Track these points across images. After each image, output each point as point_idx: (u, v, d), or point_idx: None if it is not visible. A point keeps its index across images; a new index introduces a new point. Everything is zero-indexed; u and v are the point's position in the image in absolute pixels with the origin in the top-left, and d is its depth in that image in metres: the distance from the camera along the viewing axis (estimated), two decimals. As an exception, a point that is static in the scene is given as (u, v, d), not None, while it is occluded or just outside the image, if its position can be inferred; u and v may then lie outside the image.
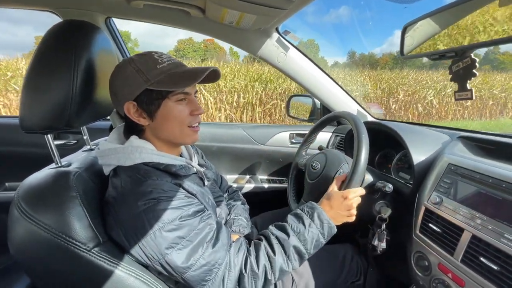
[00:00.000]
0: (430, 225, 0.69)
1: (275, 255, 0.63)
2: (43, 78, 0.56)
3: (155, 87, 0.59)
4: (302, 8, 0.86)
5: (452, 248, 0.63)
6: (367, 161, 0.73)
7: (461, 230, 0.62)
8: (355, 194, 0.72)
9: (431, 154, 0.82)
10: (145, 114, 0.62)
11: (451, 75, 0.54)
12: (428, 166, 0.79)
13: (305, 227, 0.66)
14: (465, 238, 0.60)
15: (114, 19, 1.14)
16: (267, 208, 1.20)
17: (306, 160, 1.02)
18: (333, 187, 0.75)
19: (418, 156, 0.81)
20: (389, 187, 0.76)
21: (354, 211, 0.72)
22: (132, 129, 0.66)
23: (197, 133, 0.69)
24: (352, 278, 0.89)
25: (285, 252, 0.64)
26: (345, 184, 0.73)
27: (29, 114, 0.57)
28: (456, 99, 0.53)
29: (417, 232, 0.73)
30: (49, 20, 1.05)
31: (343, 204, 0.71)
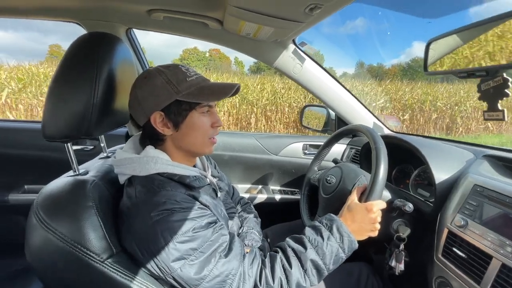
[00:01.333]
0: (454, 249, 0.65)
1: (291, 268, 0.60)
2: (66, 88, 0.58)
3: (185, 98, 0.62)
4: (320, 21, 0.85)
5: (479, 276, 0.59)
6: (387, 174, 0.70)
7: (489, 257, 0.57)
8: (378, 207, 0.69)
9: (454, 173, 0.78)
10: (170, 124, 0.64)
11: (479, 94, 0.51)
12: (451, 185, 0.75)
13: (323, 240, 0.63)
14: (494, 267, 0.56)
15: (134, 30, 1.17)
16: (278, 219, 1.18)
17: (320, 175, 0.99)
18: (353, 199, 0.72)
19: (440, 174, 0.78)
20: (409, 207, 0.73)
21: (378, 225, 0.69)
22: (150, 139, 0.67)
23: (213, 145, 0.71)
24: (366, 299, 0.85)
25: (302, 266, 0.61)
26: (365, 195, 0.70)
27: (51, 123, 0.58)
28: (485, 119, 0.50)
29: (439, 255, 0.69)
30: (74, 29, 1.09)
31: (367, 217, 0.67)
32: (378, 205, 0.69)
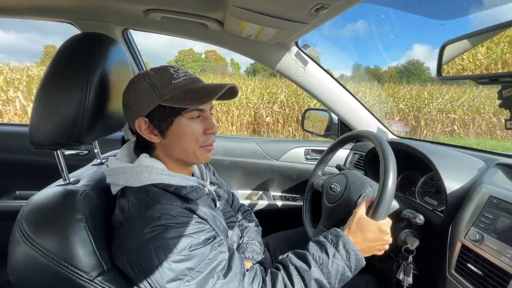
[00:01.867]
0: (469, 265, 0.61)
1: None
2: (55, 91, 0.54)
3: (168, 103, 0.56)
4: (325, 23, 0.81)
5: None
6: (395, 186, 0.66)
7: (509, 276, 0.54)
8: (389, 226, 0.65)
9: (466, 182, 0.74)
10: (156, 131, 0.59)
11: (500, 101, 0.48)
12: (463, 195, 0.72)
13: (328, 258, 0.59)
14: (514, 286, 0.52)
15: (131, 31, 1.13)
16: (279, 227, 1.14)
17: (324, 180, 0.96)
18: (361, 213, 0.67)
19: (451, 184, 0.74)
20: (420, 219, 0.69)
21: (388, 246, 0.66)
22: (143, 146, 0.63)
23: (210, 153, 0.65)
24: (373, 313, 0.81)
25: (306, 286, 0.57)
26: (372, 209, 0.65)
27: (39, 129, 0.55)
28: (507, 128, 0.46)
29: (452, 271, 0.65)
30: (73, 30, 1.05)
31: (380, 238, 0.64)
32: (389, 223, 0.66)
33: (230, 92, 0.63)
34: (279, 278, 0.58)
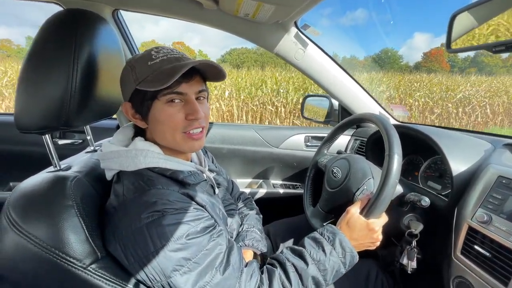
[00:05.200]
0: (476, 247, 0.60)
1: (291, 286, 0.55)
2: (39, 72, 0.50)
3: (141, 86, 0.53)
4: (326, -1, 0.77)
5: (506, 277, 0.53)
6: (397, 183, 0.62)
7: None
8: (381, 224, 0.64)
9: (473, 163, 0.71)
10: (138, 116, 0.57)
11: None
12: (470, 177, 0.69)
13: (325, 255, 0.59)
14: (524, 267, 0.51)
15: (122, 11, 1.08)
16: (280, 215, 1.12)
17: (328, 160, 0.93)
18: (353, 212, 0.65)
19: (458, 166, 0.71)
20: (426, 201, 0.67)
21: (379, 243, 0.66)
22: (137, 130, 0.62)
23: (196, 141, 0.59)
24: (376, 297, 0.80)
25: (303, 283, 0.57)
26: (366, 209, 0.63)
27: (25, 112, 0.51)
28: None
29: (458, 253, 0.64)
30: None
31: (367, 236, 0.63)
32: (380, 222, 0.64)
33: (215, 72, 0.57)
34: (276, 275, 0.56)
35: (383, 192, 0.61)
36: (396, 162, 0.62)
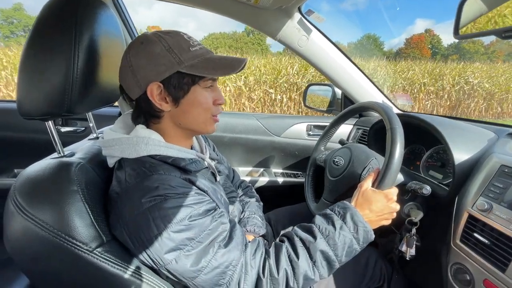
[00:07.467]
0: (475, 234, 0.60)
1: (298, 259, 0.55)
2: (41, 57, 0.50)
3: (188, 70, 0.54)
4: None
5: (504, 264, 0.54)
6: (403, 156, 0.64)
7: None
8: (395, 194, 0.64)
9: (475, 152, 0.71)
10: (169, 99, 0.56)
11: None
12: (472, 166, 0.69)
13: (335, 230, 0.57)
14: (522, 254, 0.51)
15: (122, -3, 1.05)
16: (281, 203, 1.13)
17: (326, 155, 0.93)
18: (367, 185, 0.65)
19: (460, 155, 0.71)
20: (427, 190, 0.67)
21: (395, 214, 0.64)
22: (148, 115, 0.59)
23: (215, 124, 0.64)
24: (375, 284, 0.82)
25: (311, 257, 0.56)
26: (378, 180, 0.63)
27: (27, 99, 0.51)
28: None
29: (457, 241, 0.64)
30: None
31: (387, 207, 0.62)
32: (395, 191, 0.64)
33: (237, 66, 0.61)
34: (283, 249, 0.56)
35: (392, 161, 0.62)
36: (399, 133, 0.64)
